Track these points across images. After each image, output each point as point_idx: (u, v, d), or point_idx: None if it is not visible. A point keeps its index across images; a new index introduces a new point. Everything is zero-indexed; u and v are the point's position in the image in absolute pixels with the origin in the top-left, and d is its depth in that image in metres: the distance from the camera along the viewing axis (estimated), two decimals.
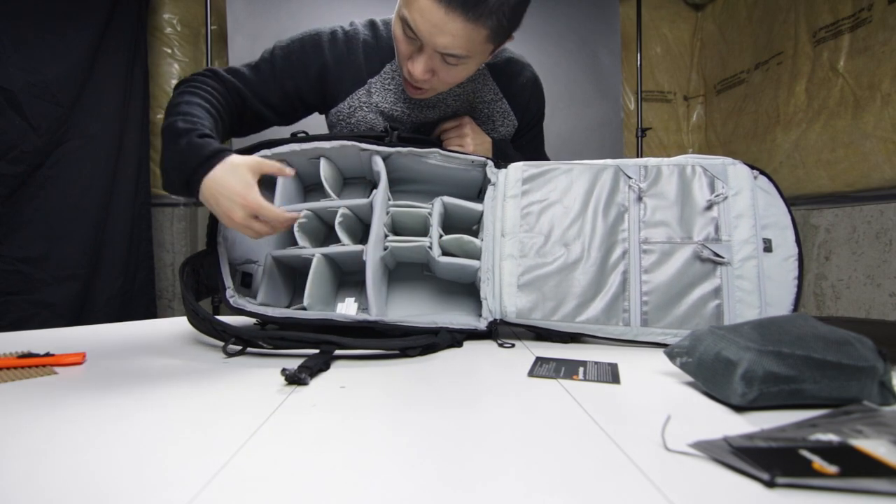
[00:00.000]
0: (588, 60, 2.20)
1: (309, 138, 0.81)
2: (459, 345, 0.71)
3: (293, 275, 0.86)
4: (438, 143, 0.88)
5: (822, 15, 1.78)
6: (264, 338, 0.64)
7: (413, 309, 0.84)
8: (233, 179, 0.65)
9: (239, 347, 0.65)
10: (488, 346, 0.72)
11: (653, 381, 0.53)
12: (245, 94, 0.85)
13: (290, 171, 0.73)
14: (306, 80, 0.88)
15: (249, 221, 0.65)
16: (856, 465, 0.29)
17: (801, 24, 1.87)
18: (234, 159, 0.66)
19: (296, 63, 0.87)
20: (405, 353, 0.65)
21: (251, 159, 0.67)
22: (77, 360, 0.60)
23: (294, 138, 0.81)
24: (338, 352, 0.64)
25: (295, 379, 0.50)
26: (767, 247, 0.71)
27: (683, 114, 2.55)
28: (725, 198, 0.73)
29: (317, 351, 0.63)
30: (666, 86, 2.54)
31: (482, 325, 0.75)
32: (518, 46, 0.99)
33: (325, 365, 0.58)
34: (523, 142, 1.02)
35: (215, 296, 0.81)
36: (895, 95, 1.55)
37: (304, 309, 0.73)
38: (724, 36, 2.35)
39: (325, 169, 0.81)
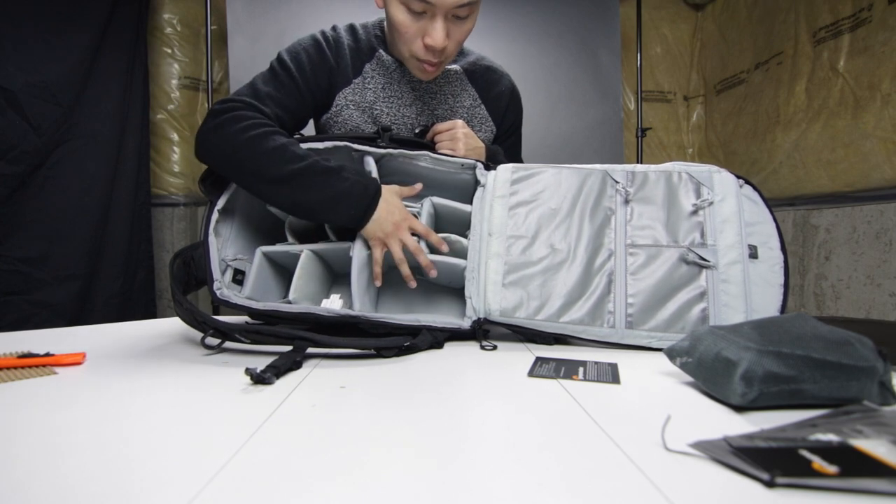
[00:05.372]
0: (588, 60, 2.20)
1: (303, 139, 0.82)
2: (440, 346, 0.71)
3: (286, 275, 0.86)
4: (431, 147, 0.89)
5: (822, 15, 1.78)
6: (241, 331, 0.64)
7: (402, 310, 0.84)
8: (389, 209, 0.76)
9: (218, 341, 0.66)
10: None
11: (653, 381, 0.53)
12: (285, 120, 0.85)
13: (419, 185, 0.83)
14: (319, 87, 0.91)
15: (399, 242, 0.76)
16: (856, 465, 0.29)
17: (801, 24, 1.87)
18: (388, 188, 0.78)
19: (309, 74, 0.89)
20: (380, 353, 0.64)
21: (394, 187, 0.80)
22: (77, 360, 0.60)
23: None
24: (318, 350, 0.64)
25: (260, 379, 0.50)
26: (753, 253, 0.71)
27: (683, 114, 2.55)
28: (711, 203, 0.73)
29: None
30: (666, 86, 2.54)
31: (466, 323, 0.74)
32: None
33: (295, 364, 0.57)
34: (502, 149, 1.05)
35: (213, 301, 0.82)
36: (895, 95, 1.55)
37: (290, 304, 0.74)
38: (724, 36, 2.35)
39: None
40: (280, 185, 0.74)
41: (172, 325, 0.90)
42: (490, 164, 0.85)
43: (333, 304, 0.80)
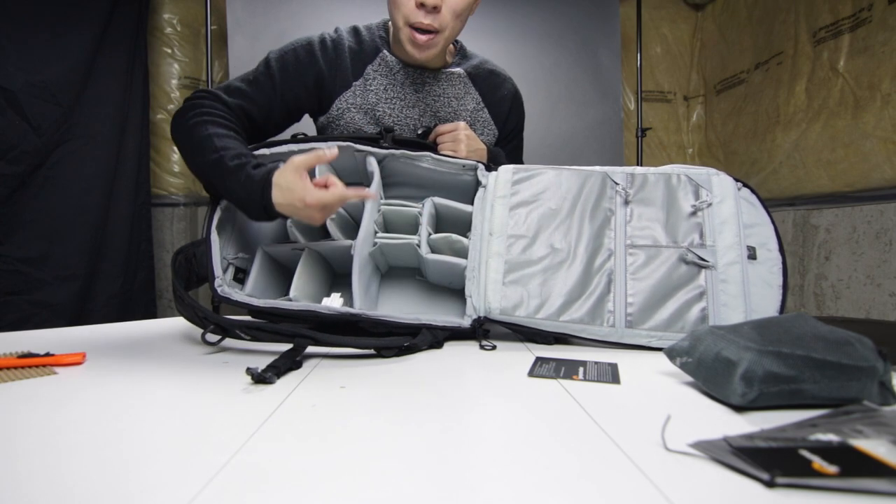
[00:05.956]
0: (588, 60, 2.20)
1: (307, 139, 0.82)
2: (440, 345, 0.71)
3: (287, 273, 0.86)
4: (433, 148, 0.89)
5: (822, 15, 1.78)
6: (242, 327, 0.64)
7: (403, 309, 0.84)
8: (289, 194, 0.69)
9: (218, 337, 0.66)
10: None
11: (653, 381, 0.53)
12: (252, 113, 0.87)
13: (330, 153, 0.71)
14: (305, 88, 0.91)
15: (325, 213, 0.70)
16: (856, 465, 0.29)
17: (801, 24, 1.87)
18: (278, 176, 0.70)
19: (293, 73, 0.90)
20: (380, 353, 0.64)
21: (289, 165, 0.70)
22: (77, 360, 0.60)
23: (293, 139, 0.82)
24: (318, 350, 0.64)
25: (261, 378, 0.50)
26: (752, 255, 0.72)
27: (683, 114, 2.55)
28: (710, 204, 0.74)
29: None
30: (666, 86, 2.54)
31: (466, 322, 0.74)
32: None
33: (295, 364, 0.57)
34: (504, 153, 1.05)
35: (213, 300, 0.82)
36: (895, 95, 1.55)
37: (290, 301, 0.74)
38: (724, 36, 2.35)
39: (319, 169, 0.81)
40: (205, 174, 0.76)
41: (172, 325, 0.90)
42: (491, 165, 0.85)
43: (334, 302, 0.80)
